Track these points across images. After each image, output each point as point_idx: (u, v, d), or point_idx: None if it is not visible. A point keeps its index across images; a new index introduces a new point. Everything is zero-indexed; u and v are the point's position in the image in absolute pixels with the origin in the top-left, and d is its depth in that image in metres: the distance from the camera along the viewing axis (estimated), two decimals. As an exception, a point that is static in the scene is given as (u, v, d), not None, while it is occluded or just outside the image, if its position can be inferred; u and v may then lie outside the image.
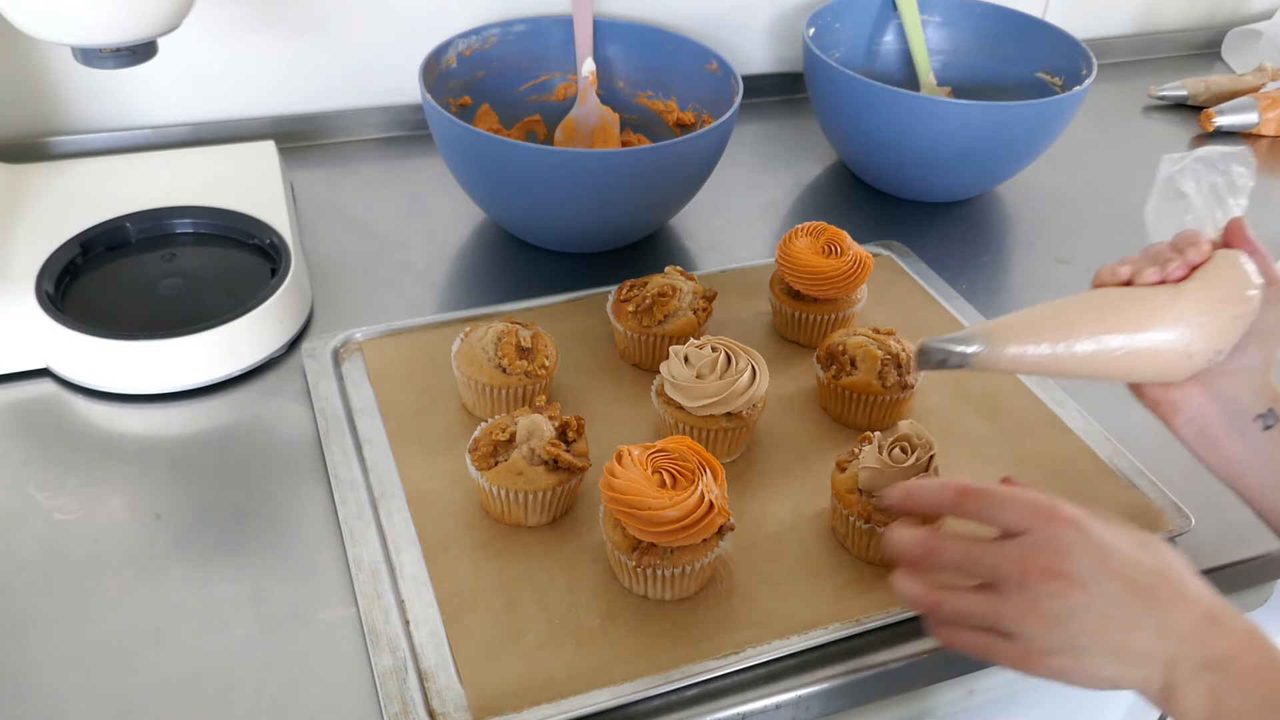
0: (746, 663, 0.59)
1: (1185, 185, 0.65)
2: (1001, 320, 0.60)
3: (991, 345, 0.58)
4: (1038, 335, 0.58)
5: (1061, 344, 0.58)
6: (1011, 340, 0.58)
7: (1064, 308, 0.60)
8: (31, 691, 0.56)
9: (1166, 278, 0.60)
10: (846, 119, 1.02)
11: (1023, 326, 0.59)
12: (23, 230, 0.82)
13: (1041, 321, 0.59)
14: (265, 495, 0.68)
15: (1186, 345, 0.58)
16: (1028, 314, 0.60)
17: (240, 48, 0.99)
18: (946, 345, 0.59)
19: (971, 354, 0.58)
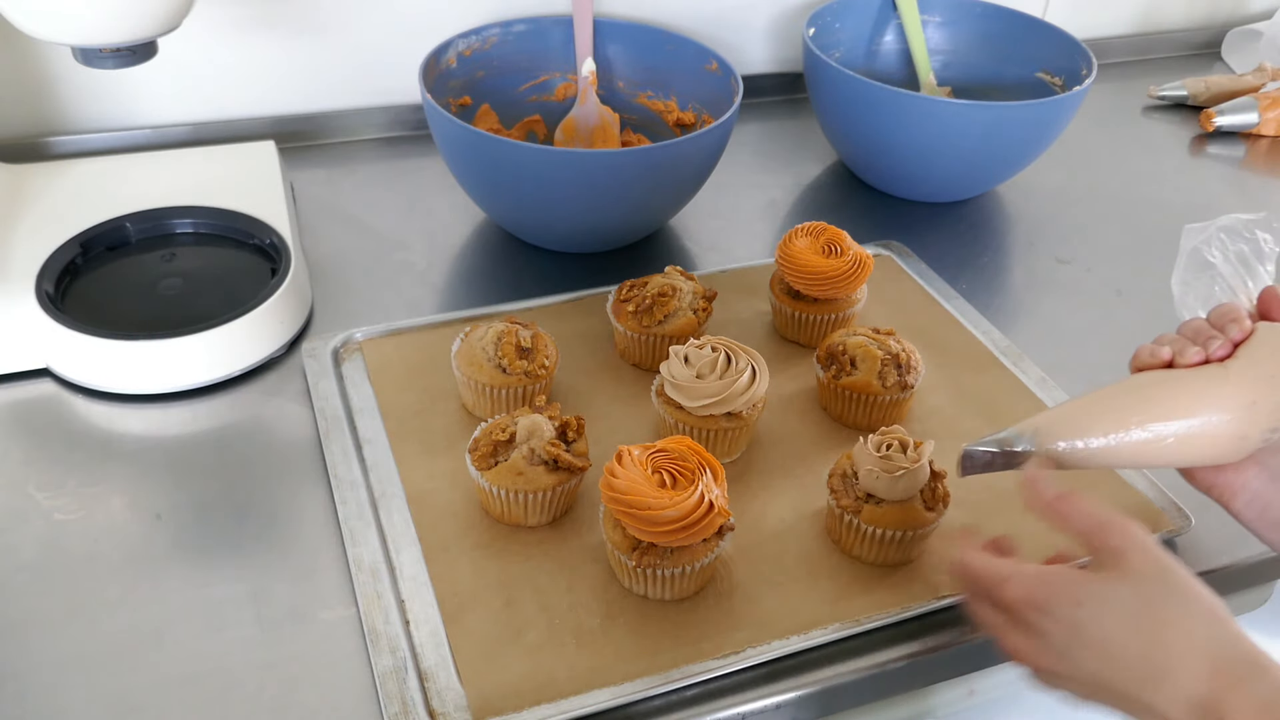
0: (746, 663, 0.59)
1: (1212, 255, 0.63)
2: (1046, 415, 0.58)
3: (1039, 444, 0.57)
4: (1085, 429, 0.57)
5: (1111, 436, 0.56)
6: (1059, 437, 0.57)
7: (1109, 397, 0.58)
8: (31, 691, 0.56)
9: (1210, 358, 0.58)
10: (846, 119, 1.02)
11: (1068, 421, 0.57)
12: (23, 230, 0.82)
13: (1087, 414, 0.57)
14: (265, 495, 0.68)
15: (1240, 428, 0.56)
16: (1071, 407, 0.59)
17: (240, 48, 0.99)
18: (991, 450, 0.57)
19: (1019, 453, 0.56)
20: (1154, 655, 0.48)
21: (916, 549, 0.65)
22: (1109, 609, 0.50)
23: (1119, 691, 0.49)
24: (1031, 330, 0.89)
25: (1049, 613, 0.51)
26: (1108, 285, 0.96)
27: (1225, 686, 0.46)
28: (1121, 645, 0.49)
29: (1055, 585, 0.51)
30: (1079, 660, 0.50)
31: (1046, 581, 0.52)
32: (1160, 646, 0.48)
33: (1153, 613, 0.49)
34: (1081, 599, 0.50)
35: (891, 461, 0.64)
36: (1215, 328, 0.59)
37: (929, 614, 0.63)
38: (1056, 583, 0.51)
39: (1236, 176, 1.16)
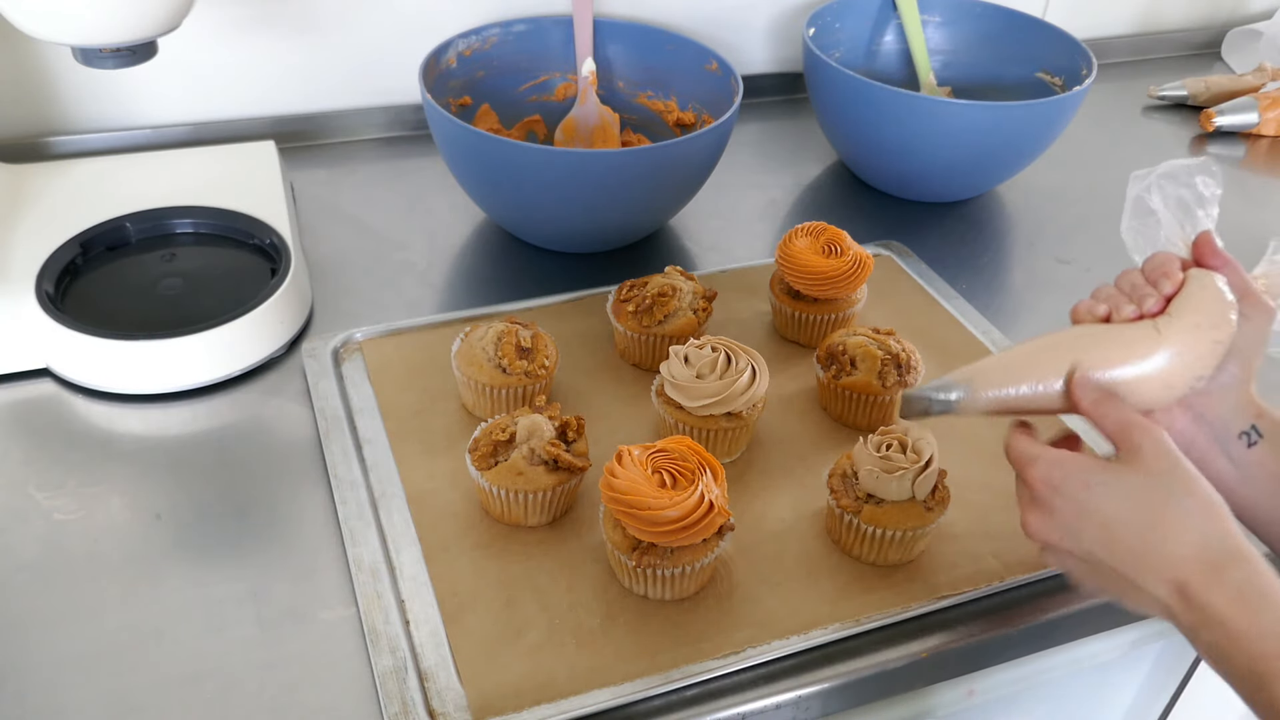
0: (746, 663, 0.59)
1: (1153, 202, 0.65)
2: (980, 364, 0.61)
3: (972, 389, 0.59)
4: (1016, 377, 0.59)
5: (1041, 384, 0.59)
6: (990, 384, 0.59)
7: (1042, 347, 0.61)
8: (31, 691, 0.56)
9: (1143, 314, 0.60)
10: (846, 119, 1.02)
11: (1000, 369, 0.60)
12: (23, 230, 0.82)
13: (1020, 363, 0.60)
14: (265, 495, 0.68)
15: (1166, 377, 0.58)
16: (1005, 356, 0.61)
17: (240, 48, 0.99)
18: (928, 394, 0.60)
19: (954, 400, 0.59)
20: (1147, 539, 0.52)
21: (916, 548, 0.65)
22: (1114, 494, 0.54)
23: (1113, 570, 0.54)
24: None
25: (1061, 492, 0.55)
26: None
27: (1204, 572, 0.51)
28: (1120, 527, 0.53)
29: (1070, 468, 0.56)
30: (1082, 538, 0.55)
31: (1063, 464, 0.56)
32: (1153, 531, 0.52)
33: (1152, 502, 0.53)
34: (1091, 483, 0.54)
35: (891, 461, 0.64)
36: (1149, 281, 0.62)
37: (929, 614, 0.63)
38: (1072, 466, 0.56)
39: (1236, 176, 1.16)
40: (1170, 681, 0.84)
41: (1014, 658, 0.67)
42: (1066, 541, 0.56)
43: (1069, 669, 0.74)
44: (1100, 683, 0.79)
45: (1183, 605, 0.51)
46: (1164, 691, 0.85)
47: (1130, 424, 0.55)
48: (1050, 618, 0.65)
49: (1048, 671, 0.73)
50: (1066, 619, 0.65)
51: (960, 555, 0.67)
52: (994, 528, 0.68)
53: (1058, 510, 0.56)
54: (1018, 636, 0.65)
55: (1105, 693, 0.82)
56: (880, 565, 0.65)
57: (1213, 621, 0.50)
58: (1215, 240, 0.62)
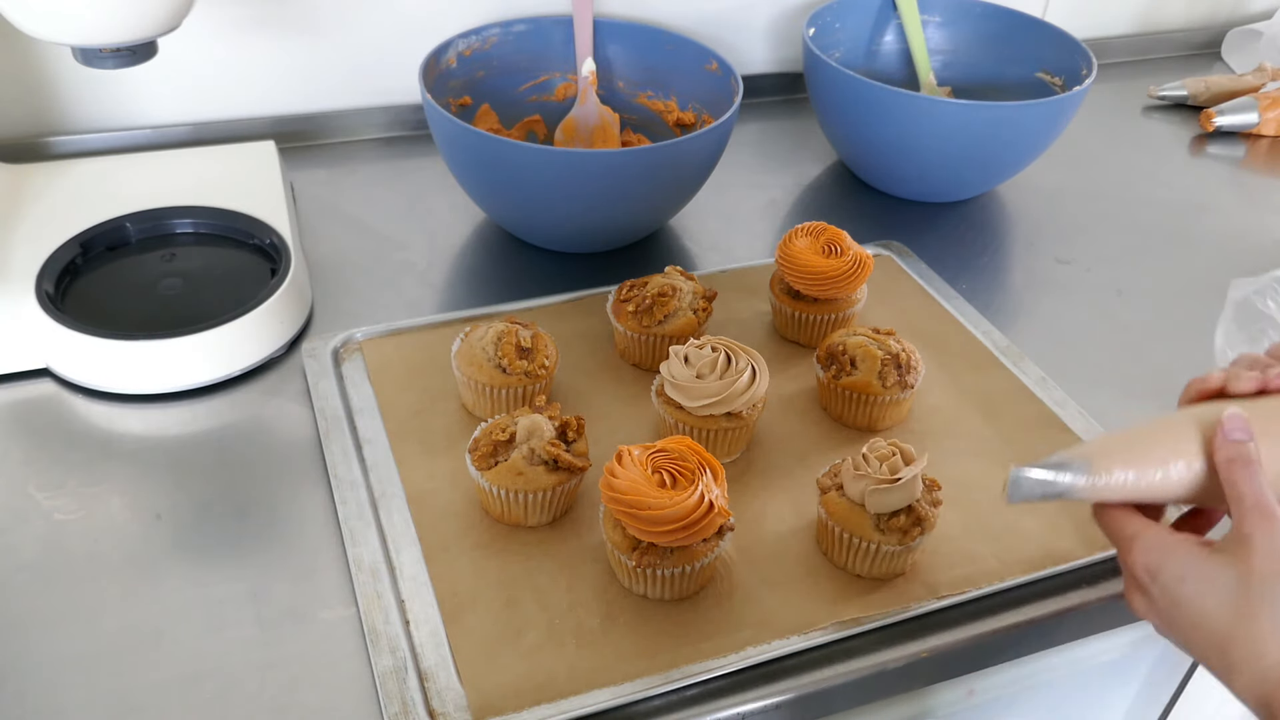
0: (746, 663, 0.59)
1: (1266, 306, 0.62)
2: (1096, 443, 0.55)
3: (1092, 475, 0.54)
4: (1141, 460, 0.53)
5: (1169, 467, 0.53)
6: (1113, 466, 0.53)
7: (1165, 426, 0.55)
8: (31, 691, 0.56)
9: (1267, 385, 0.55)
10: (846, 119, 1.02)
11: (1121, 449, 0.54)
12: (23, 230, 0.82)
13: (1142, 442, 0.54)
14: (265, 495, 0.68)
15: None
16: (1124, 435, 0.55)
17: (240, 48, 0.99)
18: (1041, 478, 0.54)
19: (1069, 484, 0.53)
20: (1236, 647, 0.49)
21: (905, 562, 0.65)
22: (1208, 590, 0.50)
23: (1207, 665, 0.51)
24: (1031, 330, 0.89)
25: (1157, 580, 0.52)
26: (1108, 285, 0.96)
27: None
28: (1210, 630, 0.50)
29: (1168, 556, 0.52)
30: (1175, 628, 0.52)
31: (1162, 550, 0.53)
32: (1244, 642, 0.49)
33: (1248, 606, 0.49)
34: (1186, 576, 0.51)
35: (879, 476, 0.63)
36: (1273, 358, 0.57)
37: (929, 614, 0.63)
38: (1170, 554, 0.52)
39: (1236, 176, 1.16)
40: (1170, 681, 0.84)
41: (1014, 658, 0.67)
42: (1164, 629, 0.53)
43: (1069, 669, 0.74)
44: (1100, 683, 0.79)
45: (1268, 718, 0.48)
46: (1164, 691, 0.85)
47: (1249, 501, 0.51)
48: (1050, 618, 0.65)
49: (1048, 671, 0.73)
50: (1066, 619, 0.65)
51: (960, 555, 0.67)
52: (994, 528, 0.68)
53: (1155, 597, 0.53)
54: (1018, 636, 0.65)
55: (1105, 693, 0.82)
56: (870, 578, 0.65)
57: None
58: None
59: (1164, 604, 0.52)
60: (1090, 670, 0.76)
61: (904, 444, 0.65)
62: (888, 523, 0.62)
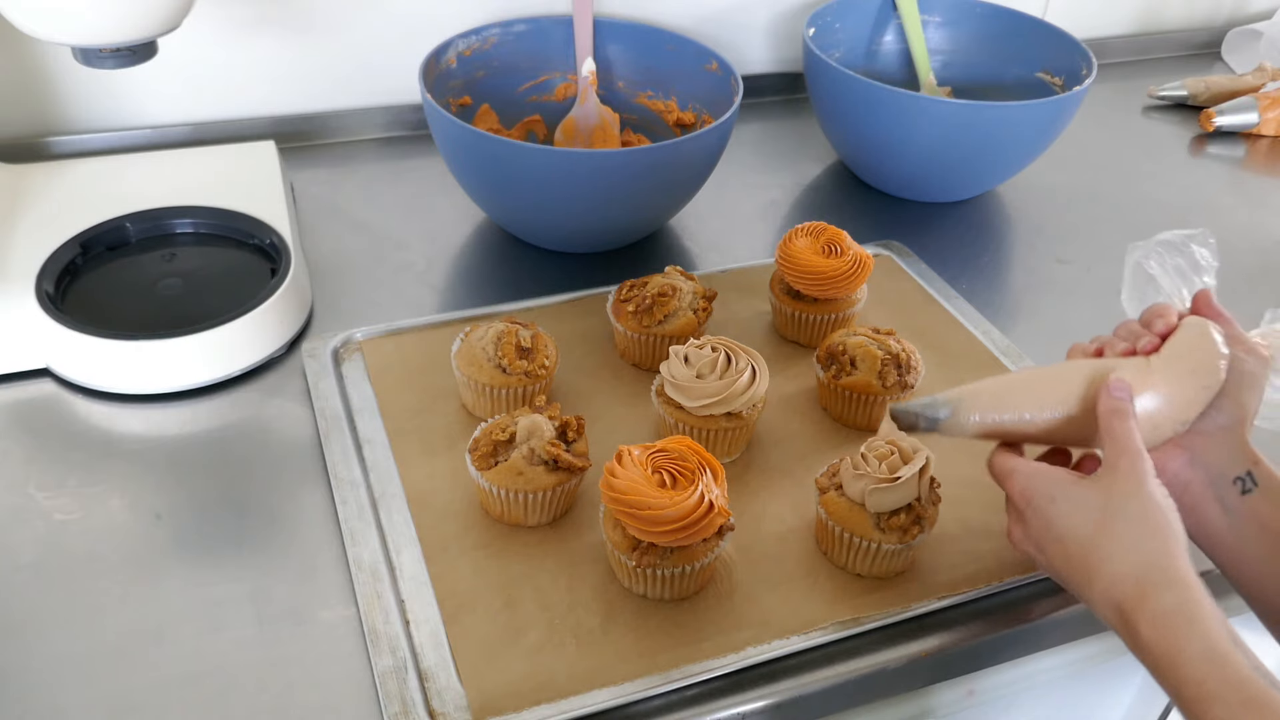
0: (746, 663, 0.59)
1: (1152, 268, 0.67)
2: (971, 387, 0.62)
3: (958, 411, 0.61)
4: (1004, 405, 0.61)
5: (1027, 413, 0.61)
6: (977, 408, 0.61)
7: (1032, 377, 0.62)
8: (31, 691, 0.56)
9: (1136, 351, 0.61)
10: (846, 119, 1.02)
11: (990, 395, 0.61)
12: (23, 230, 0.82)
13: (1009, 391, 0.61)
14: (265, 495, 0.68)
15: (1153, 416, 0.59)
16: (997, 382, 0.62)
17: (240, 48, 0.99)
18: (914, 409, 0.61)
19: (940, 419, 0.61)
20: (1094, 556, 0.54)
21: (904, 561, 0.65)
22: (1075, 509, 0.56)
23: (1070, 581, 0.56)
24: (1031, 330, 0.89)
25: (1031, 504, 0.58)
26: (1108, 285, 0.96)
27: (1139, 594, 0.52)
28: (1072, 542, 0.55)
29: (1040, 481, 0.58)
30: (1046, 550, 0.57)
31: (1035, 477, 0.58)
32: (1100, 550, 0.54)
33: (1106, 521, 0.54)
34: (1056, 496, 0.57)
35: (878, 475, 0.63)
36: (1144, 324, 0.63)
37: (929, 614, 0.63)
38: (1042, 479, 0.58)
39: (1236, 176, 1.16)
40: (1170, 681, 0.84)
41: (1014, 658, 0.67)
42: (1037, 553, 0.59)
43: (1069, 669, 0.74)
44: (1100, 683, 0.79)
45: (1121, 625, 0.52)
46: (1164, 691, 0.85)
47: (1121, 443, 0.56)
48: (1050, 618, 0.65)
49: (1048, 671, 0.73)
50: (1066, 619, 0.65)
51: (960, 555, 0.67)
52: (994, 528, 0.68)
53: (1029, 520, 0.58)
54: (1018, 636, 0.65)
55: (1105, 693, 0.82)
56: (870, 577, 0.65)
57: (1141, 644, 0.51)
58: (1213, 297, 0.63)
59: (1037, 525, 0.58)
60: (1090, 670, 0.76)
61: (902, 443, 0.65)
62: (887, 521, 0.62)
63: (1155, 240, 0.68)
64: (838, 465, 0.67)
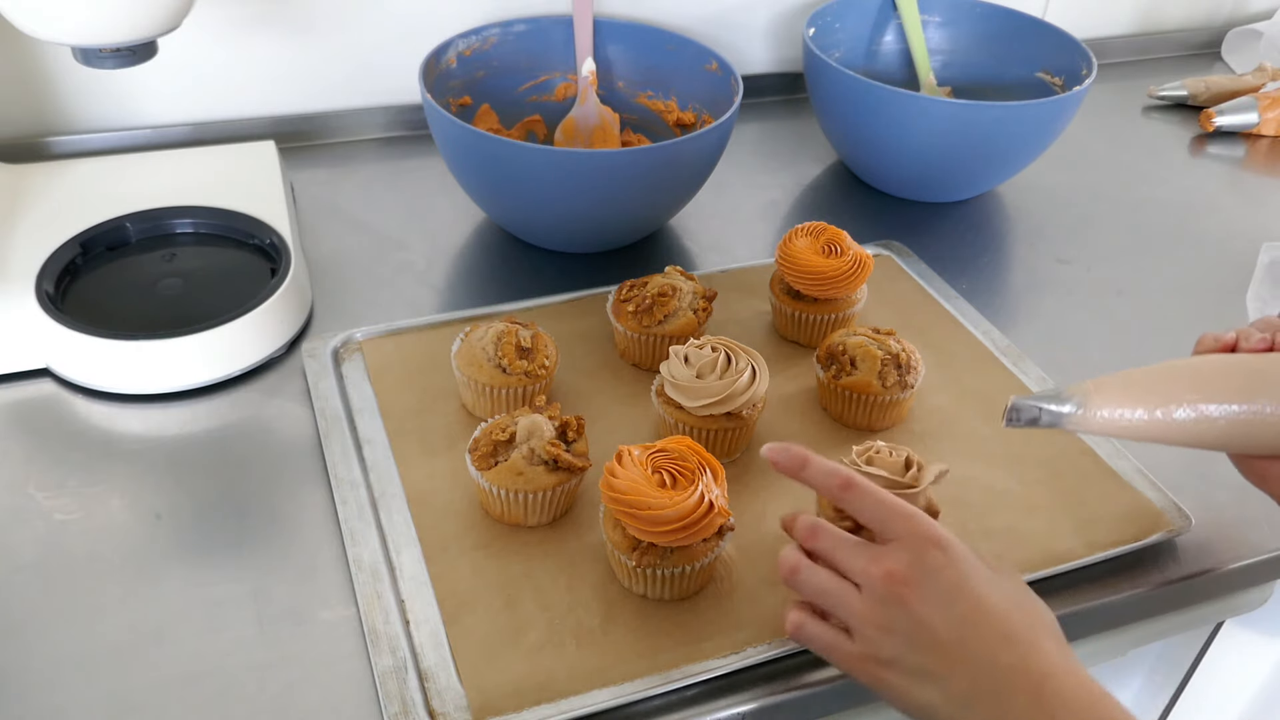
0: (747, 662, 0.59)
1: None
2: (1098, 380, 0.57)
3: (1086, 407, 0.56)
4: (1134, 399, 0.56)
5: (1159, 409, 0.56)
6: (1107, 403, 0.56)
7: (1164, 371, 0.57)
8: (31, 691, 0.56)
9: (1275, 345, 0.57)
10: (846, 119, 1.02)
11: (1119, 388, 0.56)
12: (23, 230, 0.82)
13: (1139, 384, 0.57)
14: (265, 495, 0.68)
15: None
16: (1126, 375, 0.58)
17: (240, 48, 0.99)
18: (1039, 404, 0.57)
19: (1065, 414, 0.56)
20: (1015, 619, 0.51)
21: None
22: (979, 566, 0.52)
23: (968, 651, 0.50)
24: (1031, 330, 0.89)
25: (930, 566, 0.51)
26: (1108, 285, 0.96)
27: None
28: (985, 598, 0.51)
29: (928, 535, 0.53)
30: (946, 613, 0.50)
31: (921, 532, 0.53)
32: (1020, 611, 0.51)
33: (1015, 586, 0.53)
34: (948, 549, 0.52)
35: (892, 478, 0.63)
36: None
37: (929, 614, 0.63)
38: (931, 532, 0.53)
39: (1236, 176, 1.16)
40: (1170, 682, 0.84)
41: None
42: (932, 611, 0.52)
43: (1069, 669, 0.74)
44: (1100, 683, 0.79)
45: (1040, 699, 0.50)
46: (1164, 691, 0.85)
47: (926, 522, 0.53)
48: (1050, 618, 0.65)
49: (1048, 671, 0.73)
50: (1066, 619, 0.65)
51: (960, 555, 0.66)
52: (994, 528, 0.68)
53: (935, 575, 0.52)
54: (1018, 636, 0.64)
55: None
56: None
57: None
58: None
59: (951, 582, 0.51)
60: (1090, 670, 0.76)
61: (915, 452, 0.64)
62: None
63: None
64: None
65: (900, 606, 0.51)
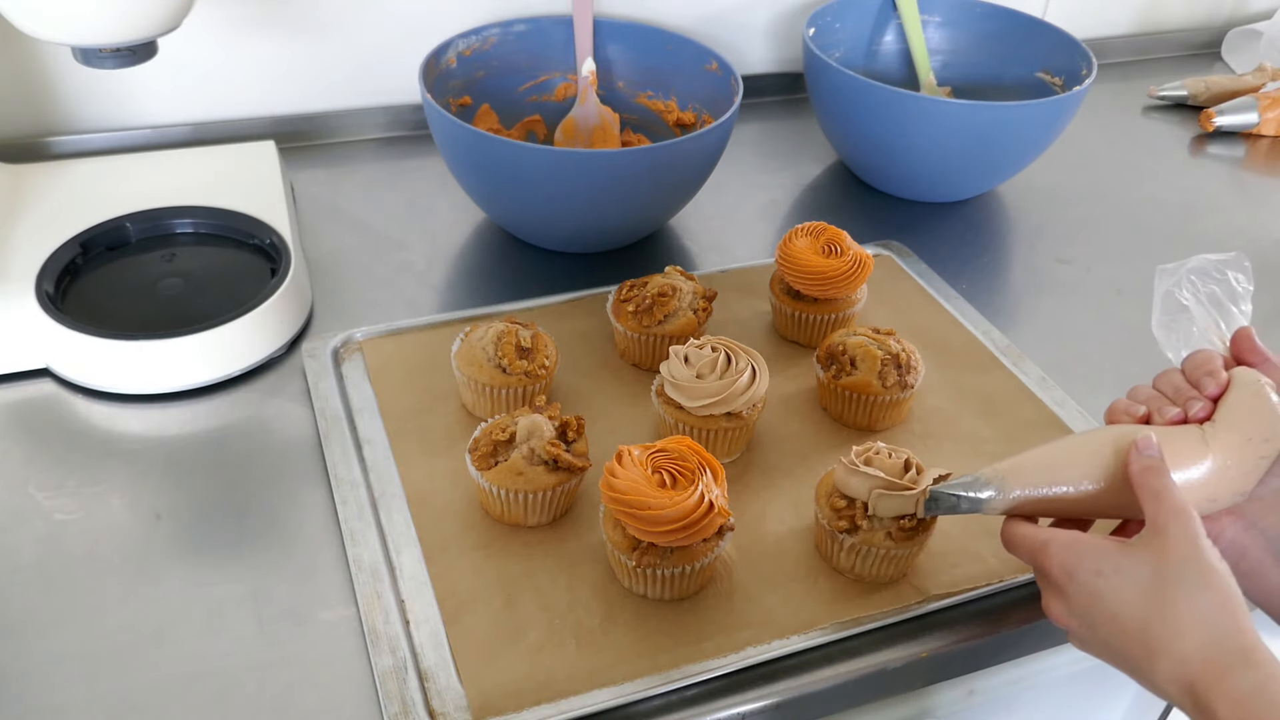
0: (746, 662, 0.59)
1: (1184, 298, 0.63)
2: (1012, 462, 0.58)
3: (1004, 490, 0.57)
4: (1050, 479, 0.57)
5: (1075, 488, 0.57)
6: (1020, 484, 0.57)
7: (1080, 447, 0.58)
8: (31, 691, 0.56)
9: (1188, 418, 0.58)
10: (846, 119, 1.02)
11: (1035, 468, 0.57)
12: (23, 230, 0.82)
13: (1055, 462, 0.57)
14: (265, 495, 0.68)
15: (1210, 489, 0.56)
16: (1040, 454, 0.58)
17: (240, 48, 0.99)
18: (956, 492, 0.58)
19: (984, 500, 0.57)
20: (1155, 632, 0.50)
21: (908, 565, 0.65)
22: (1126, 581, 0.52)
23: (1125, 658, 0.52)
24: (1031, 330, 0.89)
25: (1075, 578, 0.53)
26: (1108, 285, 0.96)
27: (1213, 674, 0.48)
28: (1129, 618, 0.51)
29: (1083, 553, 0.54)
30: (1095, 625, 0.53)
31: (1076, 549, 0.54)
32: (1163, 625, 0.50)
33: (1164, 592, 0.50)
34: (1103, 569, 0.52)
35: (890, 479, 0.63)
36: (1191, 382, 0.59)
37: (929, 614, 0.63)
38: (1085, 551, 0.54)
39: (1236, 176, 1.16)
40: (1170, 681, 0.84)
41: (1014, 658, 0.67)
42: (1083, 630, 0.54)
43: (1069, 669, 0.74)
44: (1100, 683, 0.79)
45: (1192, 706, 0.49)
46: (1164, 691, 0.85)
47: (1165, 502, 0.53)
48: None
49: (1048, 671, 0.73)
50: (1066, 619, 0.65)
51: (960, 555, 0.67)
52: (993, 528, 0.68)
53: (1072, 595, 0.54)
54: (1018, 636, 0.65)
55: (1105, 693, 0.82)
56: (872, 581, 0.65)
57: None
58: (1254, 337, 0.60)
59: (1082, 601, 0.53)
60: (1090, 670, 0.76)
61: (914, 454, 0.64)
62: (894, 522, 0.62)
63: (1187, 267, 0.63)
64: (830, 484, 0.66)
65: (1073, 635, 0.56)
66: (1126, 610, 0.51)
